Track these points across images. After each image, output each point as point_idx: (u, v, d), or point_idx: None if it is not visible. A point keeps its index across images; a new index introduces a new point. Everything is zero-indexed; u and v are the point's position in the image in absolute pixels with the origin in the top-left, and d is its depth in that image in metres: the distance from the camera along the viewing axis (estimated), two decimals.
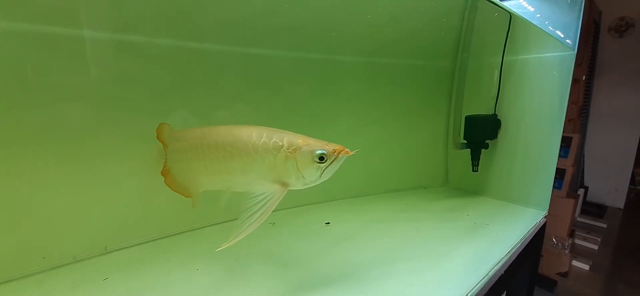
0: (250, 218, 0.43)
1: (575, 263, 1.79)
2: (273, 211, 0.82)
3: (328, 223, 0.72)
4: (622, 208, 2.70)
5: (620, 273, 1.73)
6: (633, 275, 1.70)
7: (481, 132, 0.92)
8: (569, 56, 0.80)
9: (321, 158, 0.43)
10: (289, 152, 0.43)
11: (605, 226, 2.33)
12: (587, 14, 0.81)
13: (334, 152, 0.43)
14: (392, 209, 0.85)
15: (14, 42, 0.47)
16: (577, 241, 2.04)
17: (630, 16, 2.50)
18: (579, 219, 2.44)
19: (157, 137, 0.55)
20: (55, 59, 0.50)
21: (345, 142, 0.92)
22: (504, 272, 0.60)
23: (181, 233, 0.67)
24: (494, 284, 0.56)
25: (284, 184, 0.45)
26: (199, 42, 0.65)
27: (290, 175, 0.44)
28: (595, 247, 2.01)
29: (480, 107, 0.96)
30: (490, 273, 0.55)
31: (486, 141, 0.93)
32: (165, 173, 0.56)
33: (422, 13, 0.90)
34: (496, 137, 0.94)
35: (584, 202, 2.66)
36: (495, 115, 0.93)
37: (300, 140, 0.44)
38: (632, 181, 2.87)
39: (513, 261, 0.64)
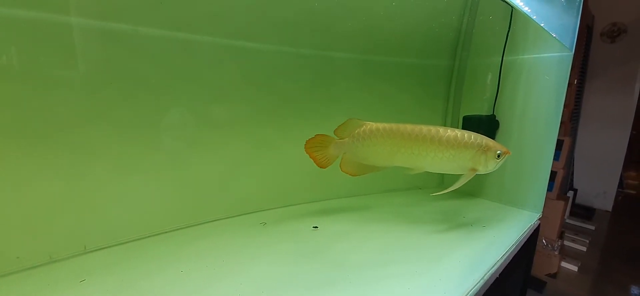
0: (456, 185, 0.67)
1: (564, 264, 1.81)
2: (264, 211, 0.81)
3: (316, 227, 0.70)
4: (610, 210, 2.75)
5: (608, 274, 1.75)
6: (620, 276, 1.73)
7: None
8: (567, 56, 0.79)
9: (498, 156, 0.65)
10: (484, 149, 0.64)
11: (593, 228, 2.37)
12: (580, 18, 0.81)
13: (505, 153, 0.66)
14: (385, 210, 0.83)
15: None
16: (566, 243, 2.07)
17: (623, 22, 2.54)
18: (568, 221, 2.48)
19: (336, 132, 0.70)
20: (29, 46, 0.47)
21: None
22: (499, 275, 0.59)
23: (166, 232, 0.64)
24: (489, 287, 0.54)
25: (474, 170, 0.66)
26: (188, 33, 0.62)
27: (481, 164, 0.65)
28: (584, 249, 2.04)
29: (478, 108, 0.95)
30: (486, 277, 0.54)
31: None
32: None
33: (420, 10, 0.89)
34: (494, 139, 0.93)
35: (573, 204, 2.70)
36: (493, 116, 0.92)
37: (487, 141, 0.65)
38: (621, 184, 2.92)
39: (508, 264, 0.63)
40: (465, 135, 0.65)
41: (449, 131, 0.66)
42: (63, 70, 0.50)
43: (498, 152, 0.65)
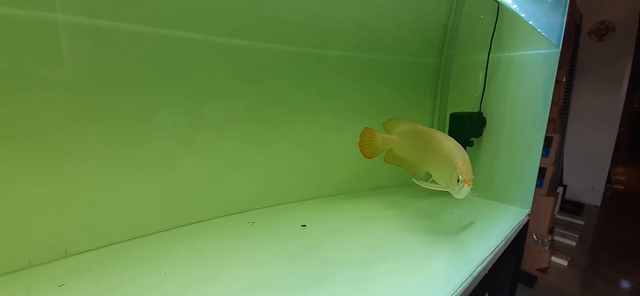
0: (428, 185, 0.67)
1: (554, 259, 1.84)
2: (252, 210, 0.80)
3: (304, 225, 0.69)
4: (599, 205, 2.80)
5: (597, 268, 1.78)
6: (609, 270, 1.76)
7: (466, 130, 0.91)
8: (554, 53, 0.80)
9: (458, 181, 0.59)
10: (453, 168, 0.60)
11: (582, 223, 2.41)
12: (569, 16, 0.82)
13: (464, 181, 0.58)
14: (375, 208, 0.83)
15: None
16: (556, 238, 2.10)
17: (611, 20, 2.58)
18: (557, 216, 2.51)
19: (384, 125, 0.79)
20: (13, 45, 0.45)
21: (328, 138, 0.90)
22: (488, 271, 0.59)
23: (152, 233, 0.63)
24: (478, 283, 0.55)
25: (447, 186, 0.63)
26: (178, 30, 0.60)
27: (451, 183, 0.61)
28: (573, 243, 2.07)
29: (465, 105, 0.96)
30: (475, 273, 0.54)
31: (471, 139, 0.92)
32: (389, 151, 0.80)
33: (407, 8, 0.88)
34: (481, 136, 0.93)
35: (563, 200, 2.74)
36: (480, 113, 0.92)
37: (459, 160, 0.60)
38: (609, 180, 2.98)
39: (497, 260, 0.63)
40: (451, 146, 0.63)
41: (444, 138, 0.66)
42: (48, 69, 0.49)
43: (459, 176, 0.58)
